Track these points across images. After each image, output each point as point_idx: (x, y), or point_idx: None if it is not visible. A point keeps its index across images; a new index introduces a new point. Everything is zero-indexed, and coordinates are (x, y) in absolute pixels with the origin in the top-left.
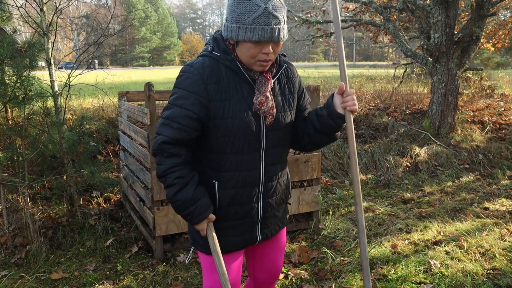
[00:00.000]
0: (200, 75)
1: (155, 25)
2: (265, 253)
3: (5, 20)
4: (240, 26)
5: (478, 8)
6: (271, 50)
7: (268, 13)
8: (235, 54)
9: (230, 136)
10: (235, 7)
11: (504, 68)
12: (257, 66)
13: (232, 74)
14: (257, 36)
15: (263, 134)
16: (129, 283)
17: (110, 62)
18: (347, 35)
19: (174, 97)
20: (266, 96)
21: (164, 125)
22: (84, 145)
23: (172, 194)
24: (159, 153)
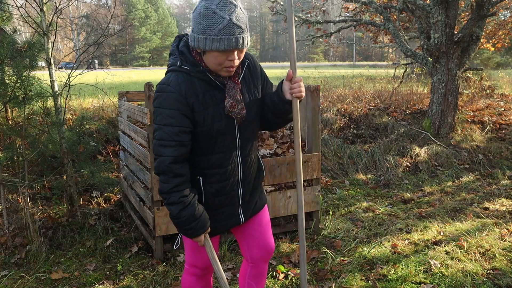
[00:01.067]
0: (179, 92)
1: (155, 25)
2: (253, 229)
3: (5, 20)
4: (207, 37)
5: (478, 8)
6: (236, 57)
7: (233, 24)
8: (203, 64)
9: (211, 140)
10: (200, 19)
11: (504, 68)
12: (224, 72)
13: (204, 84)
14: (223, 46)
15: (237, 132)
16: (129, 283)
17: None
18: (347, 35)
19: (160, 118)
20: (236, 99)
21: (162, 146)
22: (84, 145)
23: (177, 211)
24: (166, 173)
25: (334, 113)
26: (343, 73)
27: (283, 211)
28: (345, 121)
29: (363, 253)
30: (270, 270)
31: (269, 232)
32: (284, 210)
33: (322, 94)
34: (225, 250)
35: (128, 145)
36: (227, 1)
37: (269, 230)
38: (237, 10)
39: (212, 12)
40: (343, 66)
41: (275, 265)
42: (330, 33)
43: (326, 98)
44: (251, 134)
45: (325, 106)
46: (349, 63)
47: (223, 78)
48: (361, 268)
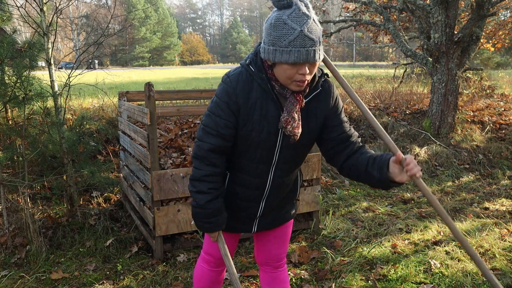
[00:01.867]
0: (233, 88)
1: (155, 25)
2: (268, 240)
3: (5, 20)
4: (277, 49)
5: (478, 8)
6: (307, 71)
7: (304, 36)
8: (269, 72)
9: (247, 147)
10: (271, 30)
11: (504, 68)
12: (293, 86)
13: (262, 91)
14: (293, 58)
15: (277, 151)
16: (129, 283)
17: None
18: (347, 35)
19: (212, 105)
20: (293, 117)
21: (207, 133)
22: (84, 145)
23: (204, 201)
24: (202, 159)
25: None
26: (343, 73)
27: None
28: None
29: (363, 253)
30: None
31: (284, 244)
32: None
33: None
34: None
35: (128, 145)
36: (300, 12)
37: (285, 241)
38: (309, 22)
39: (283, 22)
40: (343, 66)
41: None
42: (330, 33)
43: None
44: (292, 160)
45: None
46: (349, 63)
47: (287, 91)
48: (361, 268)
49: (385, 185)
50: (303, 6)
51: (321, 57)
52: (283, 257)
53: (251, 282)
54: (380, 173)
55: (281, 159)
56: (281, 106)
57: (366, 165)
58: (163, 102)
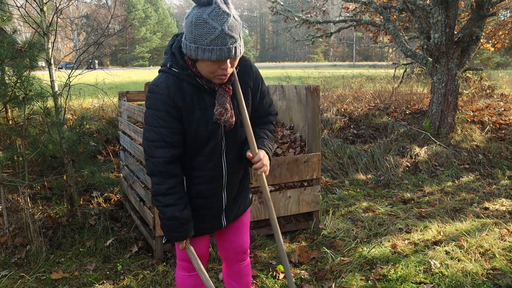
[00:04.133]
0: (167, 94)
1: (155, 25)
2: (231, 232)
3: (5, 20)
4: (199, 47)
5: (478, 8)
6: (229, 65)
7: (225, 35)
8: (194, 69)
9: (196, 143)
10: (192, 28)
11: (504, 68)
12: (216, 80)
13: (193, 87)
14: (215, 56)
15: (222, 137)
16: (129, 283)
17: (110, 62)
18: (347, 35)
19: (151, 119)
20: (226, 108)
21: (155, 147)
22: (84, 145)
23: (175, 212)
24: (161, 174)
25: (334, 113)
26: (343, 73)
27: (283, 211)
28: (345, 121)
29: (363, 253)
30: (270, 270)
31: (245, 235)
32: (284, 210)
33: (322, 94)
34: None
35: (128, 145)
36: (220, 10)
37: (246, 232)
38: (229, 20)
39: (204, 21)
40: (343, 66)
41: (275, 265)
42: (330, 33)
43: (326, 98)
44: (238, 141)
45: (325, 106)
46: (349, 63)
47: (213, 83)
48: (361, 268)
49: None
50: (222, 4)
51: (242, 51)
52: (247, 248)
53: (251, 282)
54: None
55: (228, 143)
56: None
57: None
58: None
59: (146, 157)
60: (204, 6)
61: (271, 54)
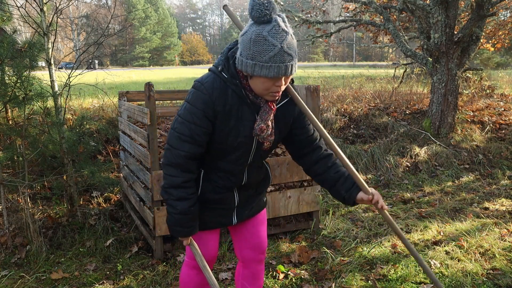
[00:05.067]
0: (209, 95)
1: (155, 25)
2: (247, 230)
3: (5, 20)
4: (256, 63)
5: (478, 8)
6: (283, 83)
7: (283, 52)
8: (244, 82)
9: (224, 150)
10: (251, 44)
11: (504, 68)
12: (269, 97)
13: (237, 97)
14: (272, 73)
15: (252, 152)
16: (129, 283)
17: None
18: (347, 35)
19: (185, 112)
20: (268, 125)
21: (181, 140)
22: (84, 145)
23: (187, 206)
24: (179, 166)
25: (334, 113)
26: (343, 73)
27: (283, 211)
28: (345, 121)
29: (363, 253)
30: (270, 270)
31: (262, 234)
32: (284, 210)
33: (322, 94)
34: (225, 250)
35: (128, 145)
36: (279, 28)
37: (263, 231)
38: (288, 38)
39: (263, 39)
40: (343, 66)
41: (275, 265)
42: (330, 33)
43: (326, 98)
44: (264, 156)
45: (325, 106)
46: (349, 63)
47: (261, 100)
48: (361, 268)
49: (347, 203)
50: (281, 22)
51: (296, 69)
52: (265, 248)
53: None
54: (348, 195)
55: (255, 158)
56: (255, 110)
57: (337, 181)
58: (163, 102)
59: (167, 146)
60: (264, 24)
61: None
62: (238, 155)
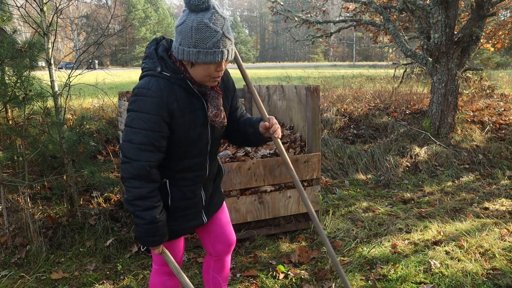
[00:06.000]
0: (160, 97)
1: (155, 25)
2: (215, 226)
3: (5, 20)
4: (200, 51)
5: (478, 8)
6: (223, 67)
7: (225, 37)
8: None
9: (185, 146)
10: (193, 33)
11: (504, 68)
12: (210, 82)
13: (184, 91)
14: (217, 58)
15: (209, 140)
16: (129, 283)
17: (110, 62)
18: (347, 35)
19: (139, 122)
20: (220, 109)
21: (141, 150)
22: (84, 145)
23: (155, 215)
24: (142, 178)
25: (334, 113)
26: (343, 73)
27: (283, 211)
28: (345, 121)
29: (363, 253)
30: (270, 270)
31: (229, 227)
32: (284, 210)
33: (322, 94)
34: None
35: None
36: (218, 15)
37: (229, 224)
38: (226, 23)
39: (205, 26)
40: (343, 66)
41: (275, 265)
42: (330, 33)
43: (326, 98)
44: (219, 141)
45: (325, 106)
46: (349, 63)
47: (204, 87)
48: (361, 268)
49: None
50: (218, 8)
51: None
52: (234, 240)
53: (251, 282)
54: (253, 128)
55: (213, 145)
56: (203, 99)
57: (244, 125)
58: None
59: (125, 160)
60: (202, 12)
61: (271, 54)
62: (200, 147)
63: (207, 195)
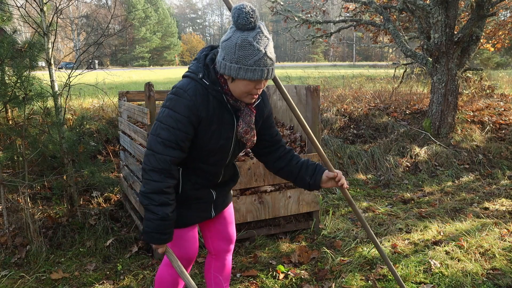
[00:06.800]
0: (194, 102)
1: (155, 25)
2: (219, 223)
3: (5, 20)
4: (241, 67)
5: (478, 8)
6: (263, 86)
7: (266, 57)
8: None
9: (205, 153)
10: (236, 49)
11: (504, 68)
12: (248, 99)
13: (218, 103)
14: (256, 76)
15: (231, 153)
16: (129, 283)
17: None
18: (347, 35)
19: (169, 119)
20: (251, 127)
21: (166, 146)
22: (84, 145)
23: (168, 212)
24: (163, 172)
25: (334, 113)
26: (343, 73)
27: (283, 211)
28: (345, 121)
29: (363, 253)
30: (270, 270)
31: (232, 226)
32: (284, 210)
33: (322, 94)
34: None
35: (128, 145)
36: (262, 35)
37: (233, 224)
38: (270, 43)
39: (249, 44)
40: (343, 66)
41: (275, 265)
42: (330, 33)
43: (326, 98)
44: (237, 155)
45: (325, 106)
46: (349, 63)
47: (240, 103)
48: (361, 268)
49: (314, 189)
50: (264, 29)
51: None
52: (234, 238)
53: (251, 282)
54: (314, 180)
55: (232, 157)
56: (235, 114)
57: (300, 169)
58: (163, 102)
59: (150, 152)
60: (248, 31)
61: None
62: (218, 157)
63: (218, 192)
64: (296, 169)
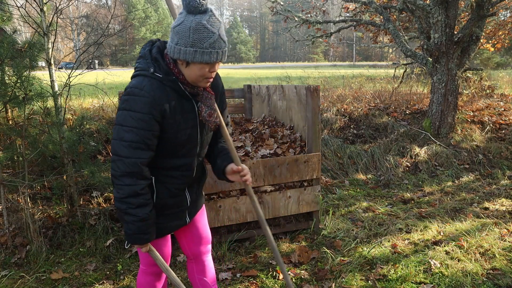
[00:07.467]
0: (153, 97)
1: (155, 25)
2: (194, 227)
3: (5, 20)
4: (197, 50)
5: (478, 8)
6: (216, 68)
7: (221, 39)
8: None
9: (173, 146)
10: (191, 33)
11: (504, 68)
12: (203, 83)
13: (174, 92)
14: (213, 59)
15: (199, 141)
16: (129, 283)
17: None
18: (347, 35)
19: (131, 120)
20: (214, 109)
21: (133, 148)
22: (84, 145)
23: (146, 212)
24: (134, 175)
25: (334, 113)
26: (343, 73)
27: (283, 211)
28: (345, 121)
29: (363, 253)
30: (270, 270)
31: (206, 227)
32: (284, 210)
33: (322, 94)
34: (225, 250)
35: None
36: (215, 17)
37: (207, 226)
38: (222, 26)
39: (203, 26)
40: (343, 66)
41: (275, 265)
42: (330, 33)
43: (326, 98)
44: (207, 144)
45: (325, 106)
46: (349, 63)
47: (197, 89)
48: (361, 268)
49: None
50: (215, 11)
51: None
52: (210, 240)
53: (251, 282)
54: (220, 165)
55: (202, 146)
56: (194, 101)
57: (219, 152)
58: None
59: (117, 158)
60: (200, 14)
61: (271, 54)
62: (188, 148)
63: (192, 196)
64: (217, 150)
